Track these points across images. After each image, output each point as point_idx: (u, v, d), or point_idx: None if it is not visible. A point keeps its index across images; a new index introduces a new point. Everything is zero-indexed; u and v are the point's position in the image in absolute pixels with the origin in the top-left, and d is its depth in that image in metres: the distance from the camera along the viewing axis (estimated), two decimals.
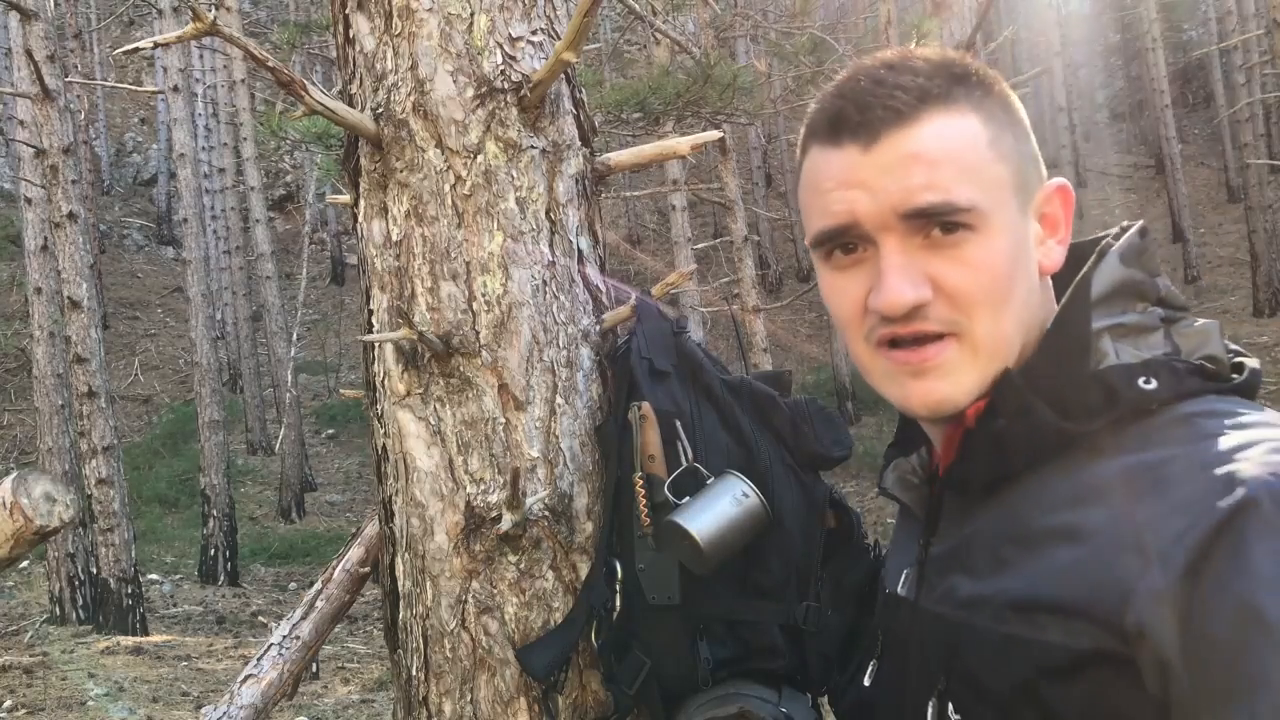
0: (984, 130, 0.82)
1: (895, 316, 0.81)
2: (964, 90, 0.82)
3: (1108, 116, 30.60)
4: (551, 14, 1.50)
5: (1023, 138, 0.85)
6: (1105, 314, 0.81)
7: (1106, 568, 0.69)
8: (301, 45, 10.87)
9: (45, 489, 1.70)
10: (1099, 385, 0.78)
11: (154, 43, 1.32)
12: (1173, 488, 0.69)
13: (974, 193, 0.79)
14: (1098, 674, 0.69)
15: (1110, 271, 0.82)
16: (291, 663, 1.65)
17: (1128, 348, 0.80)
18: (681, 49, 8.43)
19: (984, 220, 0.80)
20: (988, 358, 0.82)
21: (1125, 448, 0.75)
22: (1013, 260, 0.81)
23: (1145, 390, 0.76)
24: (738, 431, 1.35)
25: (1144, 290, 0.83)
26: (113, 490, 8.31)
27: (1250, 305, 18.02)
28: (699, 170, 20.94)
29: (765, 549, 1.28)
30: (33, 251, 8.79)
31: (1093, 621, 0.69)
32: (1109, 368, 0.79)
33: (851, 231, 0.83)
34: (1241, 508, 0.64)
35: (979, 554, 0.82)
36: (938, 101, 0.81)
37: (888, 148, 0.81)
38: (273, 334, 16.13)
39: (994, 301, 0.80)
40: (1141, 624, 0.66)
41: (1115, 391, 0.77)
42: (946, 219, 0.79)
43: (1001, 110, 0.84)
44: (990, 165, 0.81)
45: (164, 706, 5.65)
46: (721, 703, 1.27)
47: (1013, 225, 0.82)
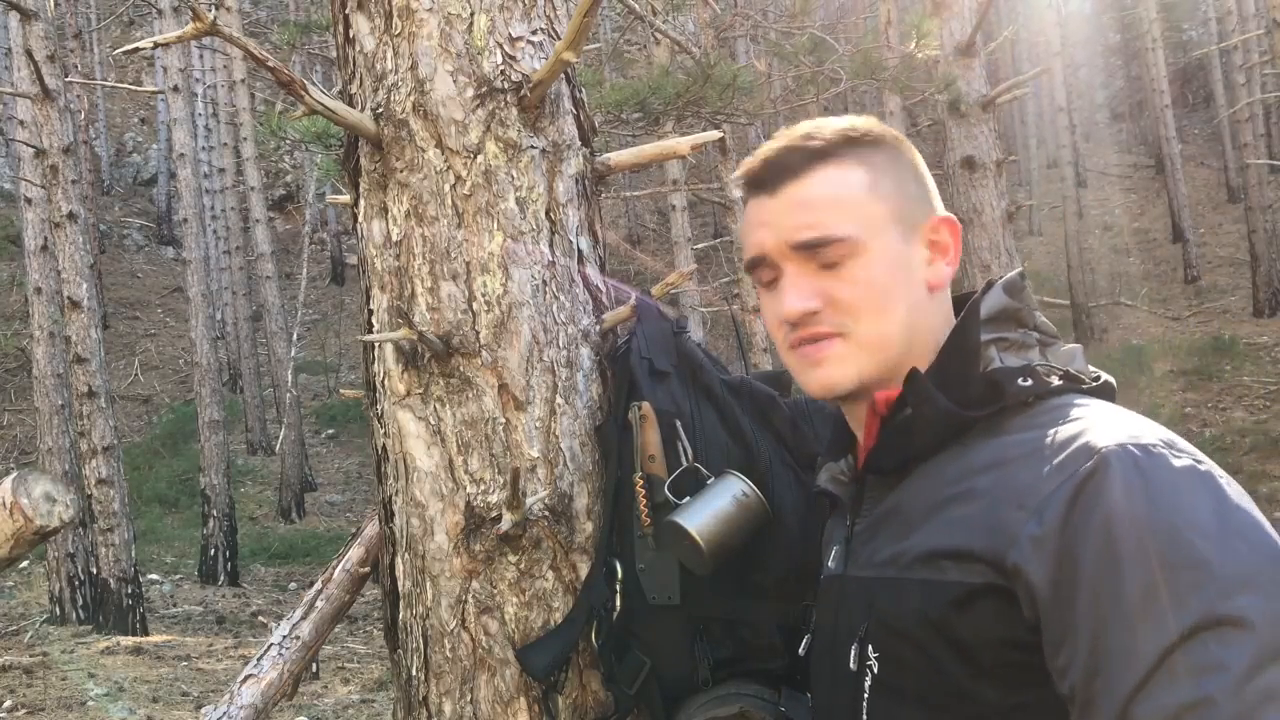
0: (865, 177, 1.05)
1: (793, 321, 1.05)
2: (853, 148, 1.06)
3: (1108, 116, 30.60)
4: (551, 14, 1.50)
5: (907, 181, 1.07)
6: (991, 330, 1.02)
7: (995, 519, 0.87)
8: (301, 45, 10.88)
9: (45, 489, 1.70)
10: (987, 382, 0.98)
11: (154, 43, 1.32)
12: (1046, 457, 0.87)
13: (850, 227, 1.02)
14: (986, 603, 0.86)
15: (996, 299, 1.04)
16: (291, 663, 1.65)
17: (1010, 356, 1.01)
18: (681, 49, 8.43)
19: (862, 247, 1.02)
20: (870, 352, 1.03)
21: (1007, 430, 0.94)
22: (891, 277, 1.03)
23: (1023, 386, 0.96)
24: (738, 431, 1.35)
25: (1022, 317, 1.04)
26: (113, 490, 8.31)
27: (1250, 305, 18.01)
28: (699, 170, 20.94)
29: (765, 549, 1.28)
30: (33, 251, 8.79)
31: (984, 562, 0.86)
32: (995, 369, 0.99)
33: (765, 261, 1.08)
34: (1097, 467, 0.83)
35: (893, 522, 1.00)
36: (825, 158, 1.05)
37: (784, 196, 1.06)
38: (273, 334, 16.13)
39: (874, 309, 1.03)
40: (1019, 563, 0.84)
41: (1000, 386, 0.97)
42: (827, 250, 1.02)
43: (887, 161, 1.07)
44: (867, 204, 1.04)
45: (164, 706, 5.65)
46: (721, 702, 1.27)
47: (892, 250, 1.04)
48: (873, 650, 0.98)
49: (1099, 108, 30.41)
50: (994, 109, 7.29)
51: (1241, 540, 0.78)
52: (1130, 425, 0.88)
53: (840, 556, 1.09)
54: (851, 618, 1.02)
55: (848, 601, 1.04)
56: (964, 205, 7.19)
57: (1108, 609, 0.78)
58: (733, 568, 1.26)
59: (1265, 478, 11.88)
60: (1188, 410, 14.15)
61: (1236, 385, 15.12)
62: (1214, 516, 0.79)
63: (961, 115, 7.17)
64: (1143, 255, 21.63)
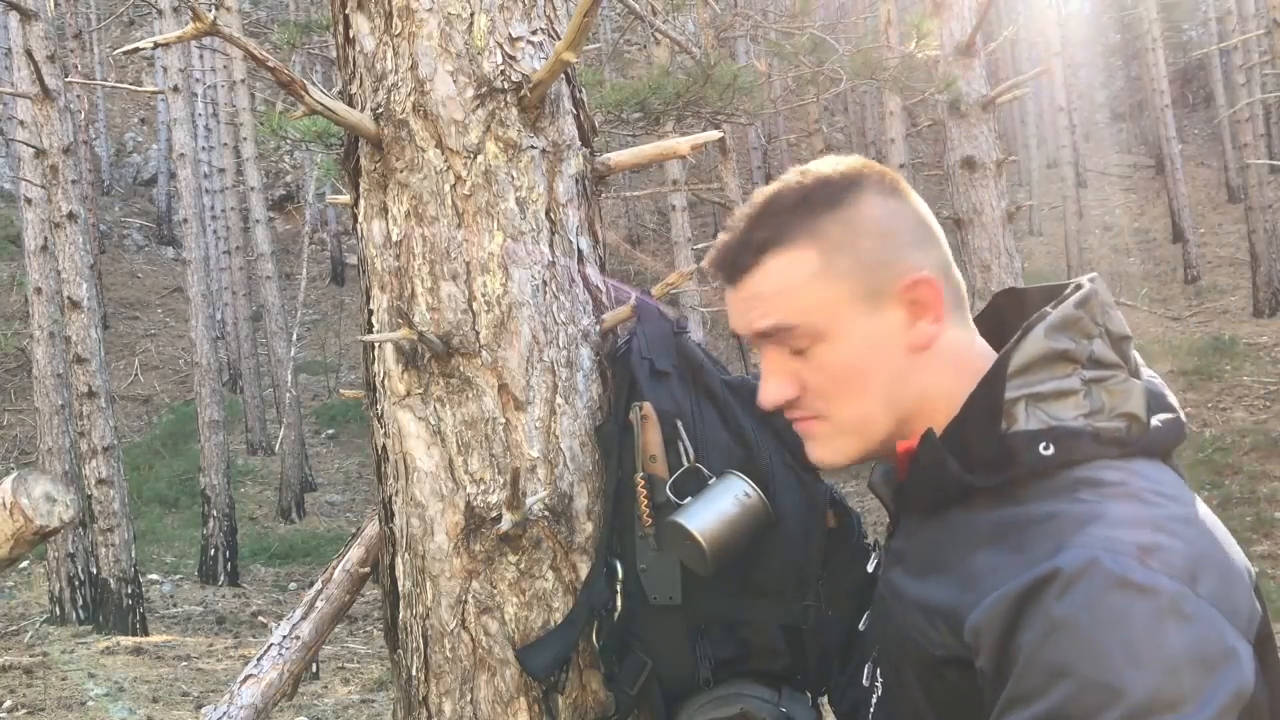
0: (816, 261, 0.99)
1: (769, 410, 1.04)
2: (807, 224, 1.00)
3: (1108, 116, 30.60)
4: (551, 14, 1.50)
5: (869, 249, 0.99)
6: (1022, 384, 0.93)
7: (964, 594, 0.86)
8: (301, 45, 10.87)
9: (45, 489, 1.70)
10: (1002, 447, 0.91)
11: (154, 43, 1.32)
12: (1022, 546, 0.84)
13: (803, 315, 0.99)
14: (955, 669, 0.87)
15: (1031, 347, 0.94)
16: (291, 663, 1.65)
17: (1040, 413, 0.92)
18: (681, 49, 8.43)
19: (822, 333, 0.99)
20: (851, 433, 1.01)
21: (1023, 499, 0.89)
22: (859, 357, 0.99)
23: (1043, 455, 0.89)
24: (739, 431, 1.35)
25: (1071, 355, 0.94)
26: (113, 490, 8.30)
27: (1250, 305, 18.01)
28: (699, 170, 20.94)
29: (766, 549, 1.28)
30: (33, 251, 8.79)
31: (952, 632, 0.87)
32: (1015, 433, 0.91)
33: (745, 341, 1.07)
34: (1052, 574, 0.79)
35: (913, 558, 0.99)
36: (775, 247, 1.00)
37: (741, 289, 1.04)
38: (273, 334, 16.13)
39: (845, 392, 1.00)
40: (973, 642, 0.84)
41: (1015, 454, 0.90)
42: (785, 335, 1.00)
43: (844, 232, 0.99)
44: (821, 289, 0.99)
45: (164, 706, 5.65)
46: (722, 703, 1.27)
47: (858, 329, 0.99)
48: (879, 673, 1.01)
49: (1099, 108, 30.41)
50: (994, 109, 7.29)
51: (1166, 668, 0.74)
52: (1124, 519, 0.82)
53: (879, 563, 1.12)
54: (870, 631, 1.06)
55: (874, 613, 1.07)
56: (964, 205, 7.19)
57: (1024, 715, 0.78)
58: (734, 568, 1.26)
59: (1265, 478, 11.87)
60: (1188, 410, 14.10)
61: (1236, 385, 15.11)
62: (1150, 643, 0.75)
63: (961, 115, 7.17)
64: (1143, 255, 21.63)
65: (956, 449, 0.94)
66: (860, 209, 1.00)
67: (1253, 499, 11.22)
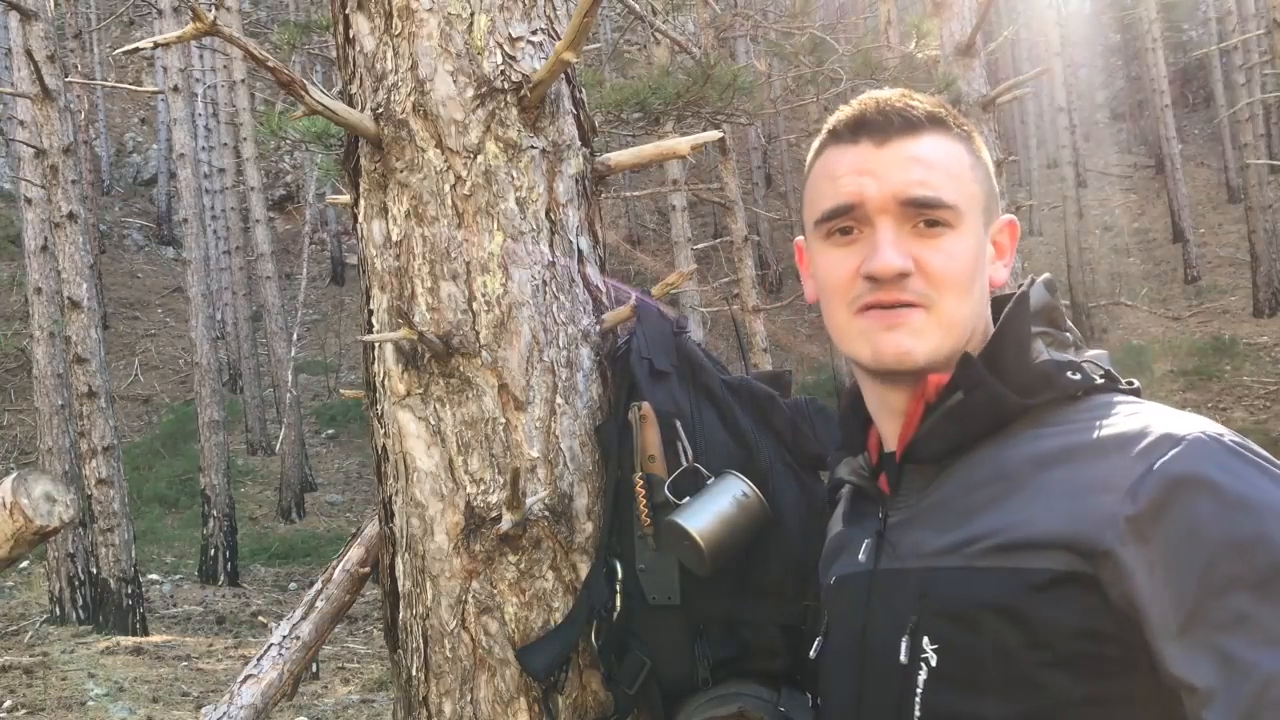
0: (968, 156, 1.05)
1: (884, 279, 1.00)
2: (956, 126, 1.06)
3: (1108, 116, 30.60)
4: (551, 14, 1.50)
5: (990, 176, 1.08)
6: (1037, 324, 1.03)
7: (1079, 507, 0.87)
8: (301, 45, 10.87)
9: (45, 489, 1.70)
10: (1039, 372, 0.98)
11: (154, 43, 1.32)
12: (1123, 445, 0.89)
13: (957, 197, 1.01)
14: (1066, 591, 0.86)
15: (1040, 295, 1.06)
16: (291, 663, 1.65)
17: (1055, 352, 1.02)
18: (681, 49, 8.43)
19: (960, 220, 1.01)
20: (946, 330, 1.01)
21: (1065, 421, 0.95)
22: (976, 259, 1.03)
23: (1073, 380, 0.98)
24: (738, 432, 1.35)
25: (1057, 318, 1.06)
26: (113, 490, 8.30)
27: (1250, 305, 18.01)
28: (699, 170, 20.93)
29: (765, 549, 1.28)
30: (33, 251, 8.79)
31: (1068, 549, 0.86)
32: (1046, 360, 1.00)
33: (855, 211, 1.02)
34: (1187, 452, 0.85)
35: (942, 513, 0.99)
36: (938, 125, 1.04)
37: (897, 148, 1.02)
38: (273, 334, 16.13)
39: (960, 286, 1.01)
40: (1113, 547, 0.84)
41: (1051, 378, 0.98)
42: (934, 213, 1.00)
43: (978, 152, 1.07)
44: (970, 182, 1.04)
45: (164, 706, 5.65)
46: (721, 702, 1.27)
47: (979, 234, 1.04)
48: (929, 642, 0.94)
49: (1099, 108, 30.40)
50: (994, 109, 7.29)
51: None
52: (1193, 419, 0.90)
53: (871, 550, 1.05)
54: (894, 611, 0.99)
55: (887, 595, 1.01)
56: None
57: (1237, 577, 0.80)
58: (733, 568, 1.26)
59: None
60: (1188, 410, 14.11)
61: (1236, 385, 15.12)
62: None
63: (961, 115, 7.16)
64: (1143, 255, 21.64)
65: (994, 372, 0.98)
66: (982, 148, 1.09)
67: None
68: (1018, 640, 0.88)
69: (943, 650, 0.93)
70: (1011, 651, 0.88)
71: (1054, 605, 0.86)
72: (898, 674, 0.96)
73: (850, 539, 1.12)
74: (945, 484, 1.00)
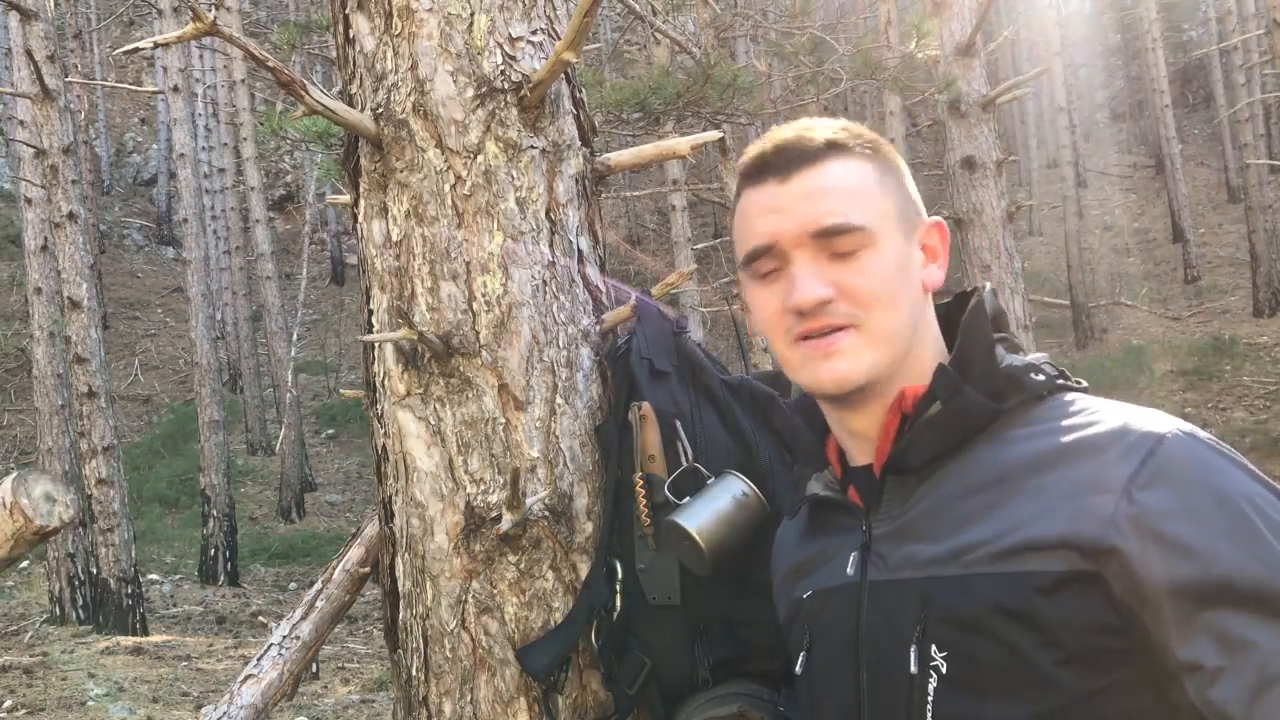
0: (874, 173, 1.07)
1: (806, 310, 1.02)
2: (858, 145, 1.08)
3: (1108, 116, 30.60)
4: (551, 14, 1.50)
5: (903, 186, 1.09)
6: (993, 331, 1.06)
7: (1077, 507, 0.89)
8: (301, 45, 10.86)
9: (45, 489, 1.70)
10: (1007, 376, 1.01)
11: (154, 43, 1.32)
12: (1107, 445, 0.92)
13: (866, 217, 1.03)
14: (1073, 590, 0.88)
15: (990, 302, 1.08)
16: (291, 663, 1.65)
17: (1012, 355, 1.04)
18: (681, 49, 8.43)
19: (875, 238, 1.03)
20: (881, 345, 1.03)
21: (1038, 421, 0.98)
22: (900, 270, 1.05)
23: (1038, 380, 1.01)
24: (738, 431, 1.35)
25: (1003, 323, 1.08)
26: (113, 490, 8.30)
27: (1250, 305, 18.01)
28: (699, 170, 20.92)
29: (765, 549, 1.28)
30: (33, 251, 8.79)
31: (1072, 549, 0.88)
32: (1011, 364, 1.03)
33: (773, 250, 1.05)
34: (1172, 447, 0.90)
35: (935, 523, 0.99)
36: (838, 150, 1.06)
37: (800, 181, 1.05)
38: (273, 334, 16.13)
39: (885, 300, 1.03)
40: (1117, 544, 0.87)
41: (1020, 381, 1.01)
42: (846, 239, 1.02)
43: (886, 163, 1.09)
44: (879, 198, 1.06)
45: (164, 706, 5.65)
46: (721, 702, 1.27)
47: (898, 246, 1.05)
48: (937, 650, 0.94)
49: (1099, 108, 30.40)
50: (994, 109, 7.29)
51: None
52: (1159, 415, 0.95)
53: (858, 563, 1.05)
54: (894, 622, 0.99)
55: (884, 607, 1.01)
56: (964, 205, 7.19)
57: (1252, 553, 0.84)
58: (733, 568, 1.26)
59: None
60: (1188, 410, 14.14)
61: (1236, 385, 15.12)
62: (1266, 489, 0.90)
63: (961, 115, 7.17)
64: (1143, 255, 21.63)
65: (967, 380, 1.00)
66: (893, 154, 1.11)
67: None
68: (1030, 642, 0.89)
69: (952, 657, 0.94)
70: (1024, 653, 0.90)
71: (1062, 605, 0.88)
72: (906, 683, 0.96)
73: (824, 553, 1.11)
74: (930, 493, 1.01)
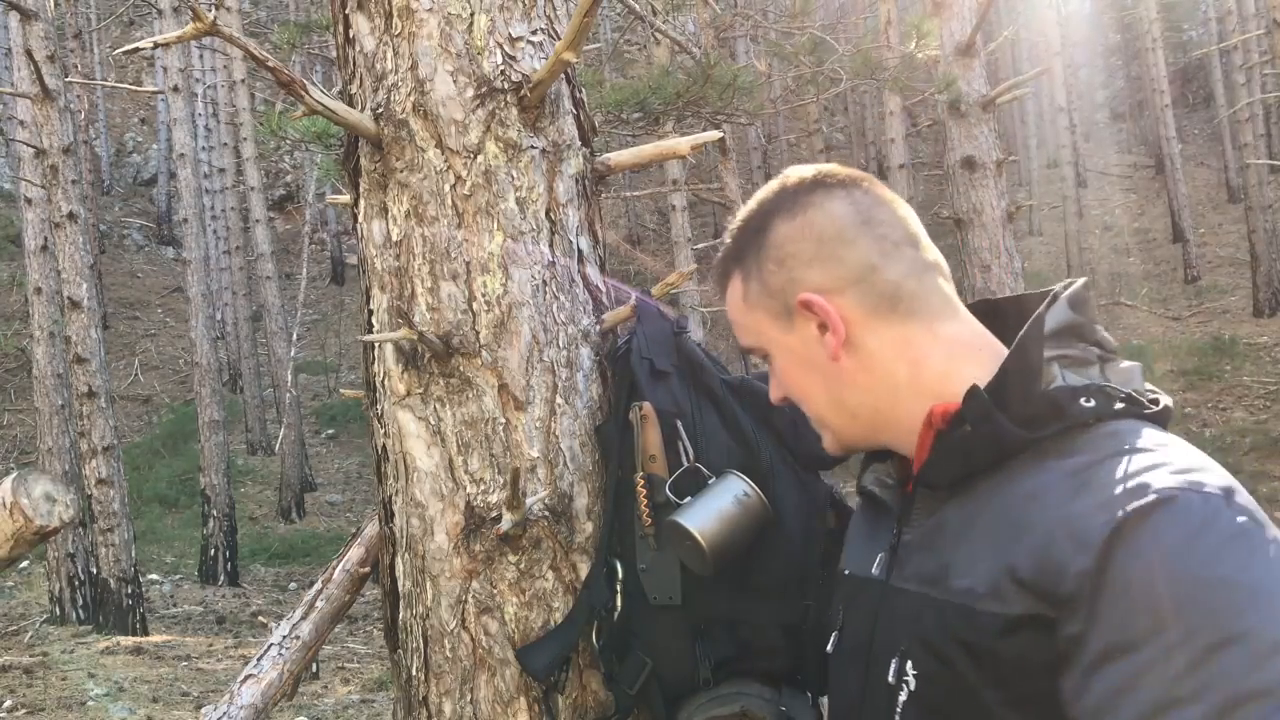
0: (739, 292, 1.12)
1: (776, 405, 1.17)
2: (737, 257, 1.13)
3: (1108, 116, 30.60)
4: (551, 14, 1.50)
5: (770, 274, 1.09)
6: (1055, 346, 0.98)
7: (1048, 550, 0.85)
8: (301, 45, 10.86)
9: (45, 489, 1.70)
10: (1048, 401, 0.94)
11: (154, 43, 1.32)
12: (1097, 489, 0.86)
13: (751, 338, 1.13)
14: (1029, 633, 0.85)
15: (1061, 313, 1.00)
16: (291, 663, 1.65)
17: (1072, 374, 0.97)
18: (681, 49, 8.44)
19: (765, 352, 1.12)
20: (825, 429, 1.11)
21: (1065, 454, 0.92)
22: (796, 369, 1.10)
23: (1085, 407, 0.93)
24: (739, 431, 1.35)
25: (1084, 332, 1.01)
26: (113, 490, 8.30)
27: (1250, 305, 18.01)
28: (699, 170, 20.93)
29: (766, 549, 1.28)
30: (33, 251, 8.79)
31: (1033, 593, 0.85)
32: (1057, 388, 0.95)
33: None
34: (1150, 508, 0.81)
35: (943, 540, 0.98)
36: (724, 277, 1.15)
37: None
38: (273, 334, 16.13)
39: (801, 398, 1.11)
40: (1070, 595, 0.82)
41: (1061, 407, 0.94)
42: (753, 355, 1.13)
43: (754, 259, 1.10)
44: (749, 312, 1.12)
45: (164, 706, 5.65)
46: (722, 702, 1.27)
47: (784, 344, 1.10)
48: (911, 667, 0.96)
49: (1099, 108, 30.40)
50: (994, 109, 7.29)
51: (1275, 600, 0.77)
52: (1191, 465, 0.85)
53: (884, 564, 1.06)
54: (894, 630, 1.01)
55: (891, 612, 1.02)
56: (964, 205, 7.19)
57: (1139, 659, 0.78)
58: (734, 568, 1.26)
59: (1265, 478, 11.88)
60: (1188, 410, 14.14)
61: (1236, 385, 15.12)
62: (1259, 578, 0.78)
63: (961, 115, 7.17)
64: (1143, 255, 21.63)
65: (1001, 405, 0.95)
66: (770, 235, 1.10)
67: (1253, 499, 11.21)
68: (982, 679, 0.89)
69: (920, 677, 0.95)
70: (976, 690, 0.89)
71: (1018, 647, 0.86)
72: (884, 691, 0.99)
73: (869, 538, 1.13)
74: (955, 510, 0.99)
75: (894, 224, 1.07)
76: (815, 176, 1.09)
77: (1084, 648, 0.81)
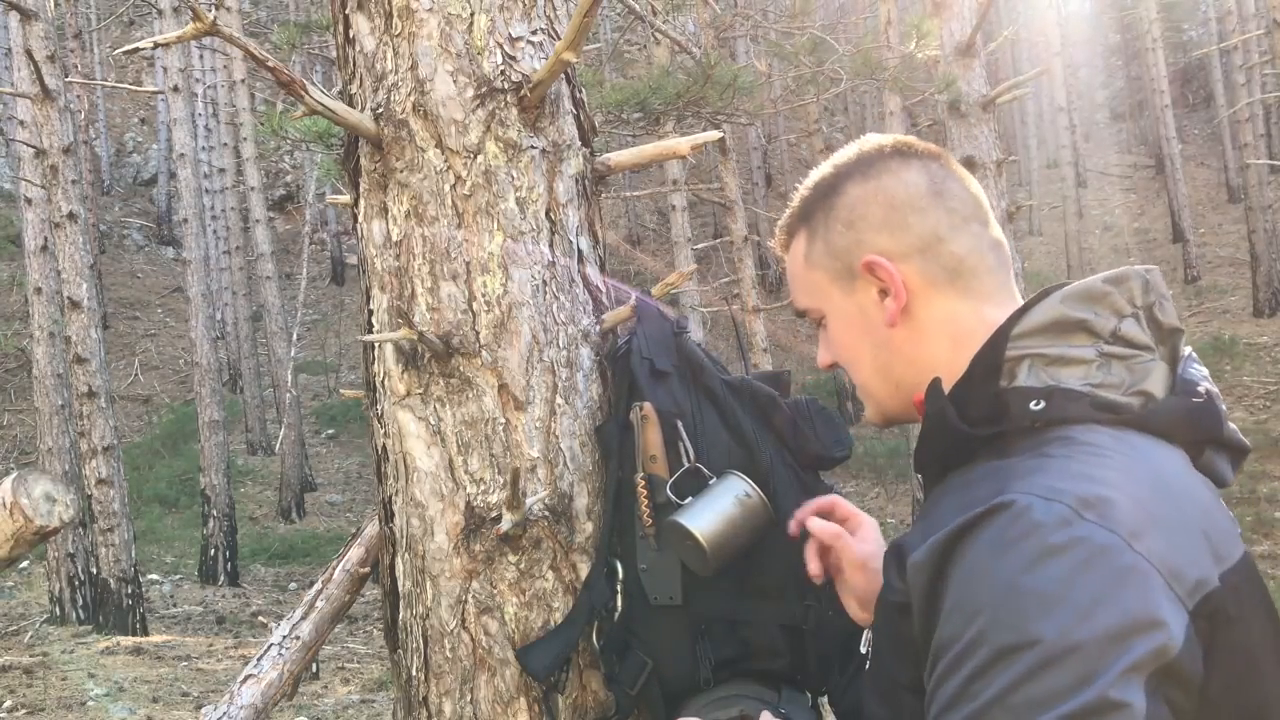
0: (802, 251, 1.12)
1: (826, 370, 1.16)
2: (805, 216, 1.12)
3: (1108, 116, 30.61)
4: (551, 14, 1.50)
5: (837, 235, 1.08)
6: (1027, 345, 0.94)
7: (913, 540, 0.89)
8: (301, 45, 10.87)
9: (45, 489, 1.70)
10: (997, 402, 0.93)
11: (154, 43, 1.32)
12: (976, 490, 0.87)
13: (808, 299, 1.13)
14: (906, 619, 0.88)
15: (1044, 311, 0.96)
16: (291, 663, 1.65)
17: (1042, 373, 0.93)
18: (681, 49, 8.44)
19: (821, 312, 1.12)
20: (867, 397, 1.12)
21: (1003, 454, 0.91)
22: (848, 333, 1.10)
23: (1032, 410, 0.91)
24: (739, 432, 1.35)
25: (1090, 326, 0.94)
26: (113, 490, 8.30)
27: (1250, 305, 18.01)
28: (699, 170, 20.94)
29: (767, 549, 1.28)
30: (33, 251, 8.78)
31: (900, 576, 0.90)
32: (1009, 388, 0.93)
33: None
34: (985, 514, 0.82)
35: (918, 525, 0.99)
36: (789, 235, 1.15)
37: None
38: (273, 334, 16.13)
39: (849, 363, 1.11)
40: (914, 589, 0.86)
41: (1006, 408, 0.92)
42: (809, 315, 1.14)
43: (821, 220, 1.10)
44: (806, 276, 1.12)
45: (164, 706, 5.65)
46: (722, 704, 1.27)
47: (843, 307, 1.10)
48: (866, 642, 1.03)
49: (1099, 108, 30.41)
50: (994, 109, 7.29)
51: (1077, 615, 0.75)
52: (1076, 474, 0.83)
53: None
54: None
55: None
56: None
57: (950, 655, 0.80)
58: (734, 568, 1.26)
59: (1265, 478, 11.88)
60: None
61: (1236, 385, 15.11)
62: (1063, 591, 0.76)
63: (961, 115, 7.17)
64: (1143, 255, 21.63)
65: (958, 403, 0.96)
66: (841, 196, 1.09)
67: (1253, 499, 11.22)
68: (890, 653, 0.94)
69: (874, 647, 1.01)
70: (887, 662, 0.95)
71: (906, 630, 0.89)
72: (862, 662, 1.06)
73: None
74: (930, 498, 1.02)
75: (965, 199, 1.06)
76: (894, 144, 1.10)
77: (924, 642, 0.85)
